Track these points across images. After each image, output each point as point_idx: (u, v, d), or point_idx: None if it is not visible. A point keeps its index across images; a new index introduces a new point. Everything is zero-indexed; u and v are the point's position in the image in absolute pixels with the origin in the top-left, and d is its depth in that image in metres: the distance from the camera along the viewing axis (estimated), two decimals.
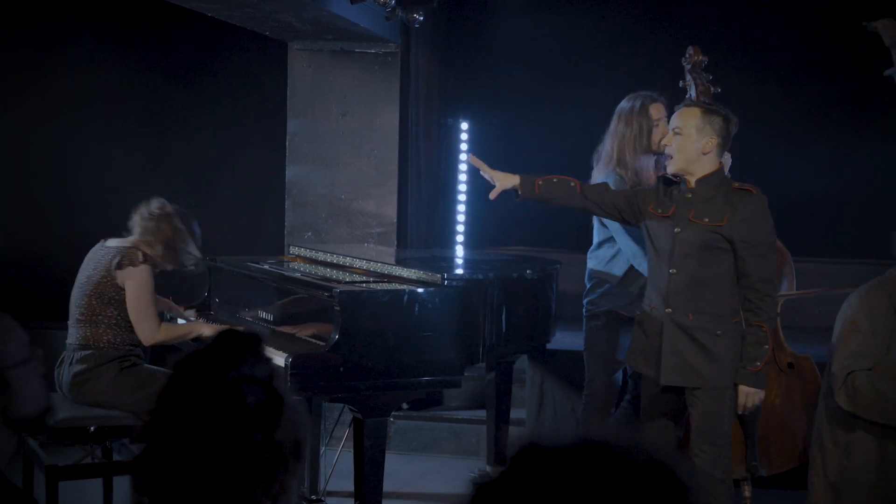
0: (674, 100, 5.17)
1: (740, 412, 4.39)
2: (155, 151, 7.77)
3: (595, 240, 5.39)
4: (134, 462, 1.70)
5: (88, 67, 7.72)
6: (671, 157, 4.41)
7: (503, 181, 4.64)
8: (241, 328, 1.65)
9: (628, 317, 5.21)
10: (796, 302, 7.00)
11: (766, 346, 4.33)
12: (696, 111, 4.41)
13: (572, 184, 4.64)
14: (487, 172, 4.68)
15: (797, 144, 7.42)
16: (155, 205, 4.97)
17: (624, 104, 5.28)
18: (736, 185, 4.37)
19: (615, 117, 5.28)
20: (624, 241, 5.21)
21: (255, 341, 1.68)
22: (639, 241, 5.10)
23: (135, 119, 7.83)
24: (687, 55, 5.29)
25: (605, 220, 5.22)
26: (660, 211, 4.44)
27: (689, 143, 4.37)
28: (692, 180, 4.39)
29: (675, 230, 4.38)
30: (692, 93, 5.25)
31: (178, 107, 7.81)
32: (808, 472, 4.71)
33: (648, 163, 5.27)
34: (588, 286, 5.37)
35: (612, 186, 5.06)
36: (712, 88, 5.24)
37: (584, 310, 5.36)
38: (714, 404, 4.37)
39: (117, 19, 7.75)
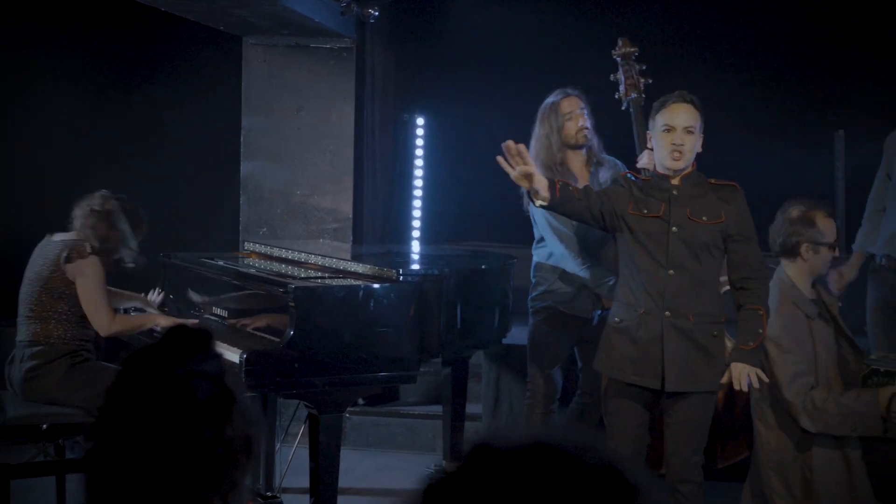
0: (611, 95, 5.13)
1: (736, 388, 4.26)
2: (109, 147, 7.71)
3: (536, 234, 5.35)
4: (83, 459, 1.68)
5: (43, 62, 7.65)
6: (679, 154, 4.25)
7: (538, 182, 4.21)
8: (191, 323, 1.65)
9: (568, 314, 5.22)
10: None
11: (762, 332, 4.26)
12: (695, 109, 4.29)
13: (570, 188, 4.38)
14: (522, 167, 4.17)
15: (753, 140, 7.47)
16: (97, 200, 4.92)
17: (543, 104, 5.29)
18: (713, 181, 4.32)
19: (537, 117, 5.30)
20: (552, 241, 5.17)
21: (205, 337, 1.67)
22: (568, 240, 5.08)
23: (89, 114, 7.78)
24: (617, 46, 5.23)
25: (535, 215, 5.20)
26: (645, 211, 4.28)
27: (697, 142, 4.30)
28: (676, 178, 4.30)
29: (673, 229, 4.26)
30: (622, 86, 5.18)
31: (133, 102, 7.75)
32: (744, 487, 4.73)
33: (572, 157, 5.24)
34: (532, 282, 5.36)
35: None
36: (643, 80, 5.16)
37: (528, 305, 5.35)
38: (703, 408, 4.36)
39: (72, 14, 7.68)
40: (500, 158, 4.19)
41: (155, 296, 5.38)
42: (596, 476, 1.22)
